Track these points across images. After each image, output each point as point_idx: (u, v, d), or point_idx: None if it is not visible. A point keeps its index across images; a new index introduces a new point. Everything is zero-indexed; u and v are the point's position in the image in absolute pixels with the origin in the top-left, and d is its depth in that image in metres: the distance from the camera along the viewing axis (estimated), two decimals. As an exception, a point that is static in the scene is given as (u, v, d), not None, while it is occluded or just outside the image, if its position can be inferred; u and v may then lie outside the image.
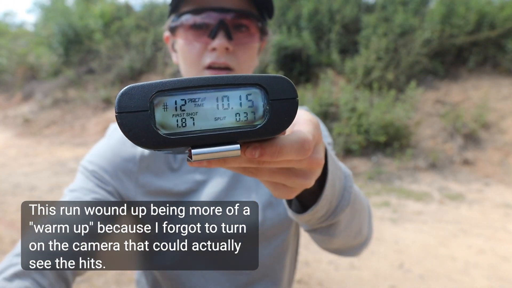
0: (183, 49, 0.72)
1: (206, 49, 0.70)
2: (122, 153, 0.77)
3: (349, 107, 6.58)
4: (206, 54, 0.70)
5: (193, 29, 0.70)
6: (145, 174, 0.77)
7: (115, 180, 0.76)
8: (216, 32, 0.68)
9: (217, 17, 0.69)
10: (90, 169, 0.77)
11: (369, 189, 5.61)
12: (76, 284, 2.94)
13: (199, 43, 0.70)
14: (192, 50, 0.70)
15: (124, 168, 0.76)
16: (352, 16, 8.69)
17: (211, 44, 0.69)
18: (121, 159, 0.76)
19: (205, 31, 0.70)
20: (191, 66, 0.71)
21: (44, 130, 10.20)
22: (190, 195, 0.77)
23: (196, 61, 0.71)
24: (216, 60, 0.70)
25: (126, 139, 0.70)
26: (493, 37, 7.31)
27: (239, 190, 0.78)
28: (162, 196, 0.77)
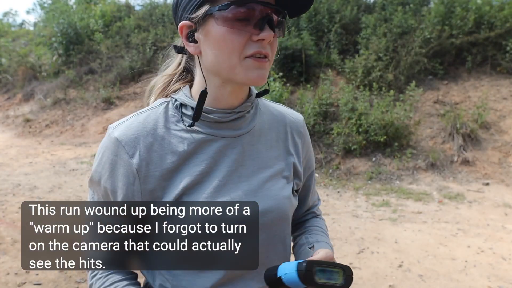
0: (224, 38, 0.73)
1: (250, 39, 0.73)
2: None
3: (349, 107, 6.59)
4: (249, 44, 0.73)
5: (238, 19, 0.72)
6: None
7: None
8: (263, 24, 0.72)
9: (264, 10, 0.72)
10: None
11: (369, 189, 5.61)
12: (76, 284, 2.95)
13: (245, 33, 0.72)
14: (236, 39, 0.72)
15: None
16: (352, 16, 8.70)
17: (259, 35, 0.72)
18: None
19: (248, 22, 0.72)
20: (231, 54, 0.73)
21: (45, 130, 10.20)
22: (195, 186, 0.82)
23: (239, 50, 0.73)
24: (262, 50, 0.73)
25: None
26: (493, 37, 7.31)
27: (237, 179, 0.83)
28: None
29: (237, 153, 0.82)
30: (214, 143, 0.81)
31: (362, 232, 4.09)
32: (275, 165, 0.86)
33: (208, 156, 0.80)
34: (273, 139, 0.88)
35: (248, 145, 0.83)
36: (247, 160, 0.83)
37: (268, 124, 0.89)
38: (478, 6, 7.42)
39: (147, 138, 0.78)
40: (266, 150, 0.86)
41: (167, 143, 0.79)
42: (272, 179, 0.85)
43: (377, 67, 7.51)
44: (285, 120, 0.92)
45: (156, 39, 11.32)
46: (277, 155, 0.87)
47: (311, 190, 1.01)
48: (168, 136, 0.79)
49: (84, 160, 7.34)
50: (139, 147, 0.77)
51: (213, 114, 0.80)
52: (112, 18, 13.11)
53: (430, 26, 7.60)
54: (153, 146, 0.78)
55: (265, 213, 0.84)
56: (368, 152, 6.41)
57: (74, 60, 12.13)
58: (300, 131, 0.93)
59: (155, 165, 0.79)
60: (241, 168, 0.83)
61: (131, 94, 10.58)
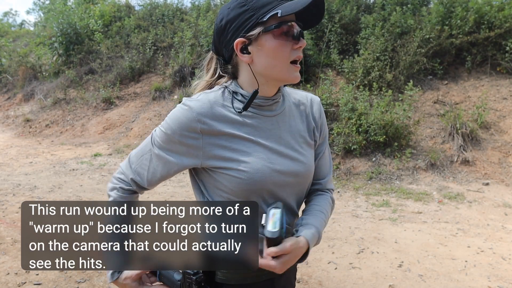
0: (277, 49, 1.00)
1: (292, 48, 1.01)
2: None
3: (349, 107, 6.59)
4: (292, 51, 1.02)
5: (283, 35, 1.00)
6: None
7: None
8: (299, 36, 1.01)
9: (297, 26, 1.02)
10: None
11: (369, 189, 5.62)
12: (76, 284, 2.95)
13: (290, 44, 1.01)
14: (285, 49, 1.01)
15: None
16: (352, 16, 8.70)
17: (297, 44, 1.02)
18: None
19: (289, 36, 1.01)
20: (282, 61, 1.01)
21: (45, 130, 10.20)
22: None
23: (286, 57, 1.01)
24: (300, 55, 1.03)
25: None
26: (493, 37, 7.31)
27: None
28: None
29: (275, 127, 1.09)
30: (257, 120, 1.07)
31: (362, 232, 4.09)
32: (302, 135, 1.13)
33: (253, 128, 1.06)
34: (299, 116, 1.15)
35: (282, 122, 1.10)
36: (283, 132, 1.10)
37: (294, 105, 1.16)
38: (478, 6, 7.41)
39: (210, 110, 1.03)
40: (295, 125, 1.13)
41: (223, 115, 1.04)
42: (302, 147, 1.12)
43: (376, 67, 7.51)
44: (306, 101, 1.19)
45: (156, 39, 11.32)
46: (303, 128, 1.15)
47: (323, 156, 1.22)
48: (225, 110, 1.05)
49: (84, 160, 7.34)
50: (204, 115, 1.02)
51: (257, 99, 1.07)
52: (112, 18, 13.10)
53: (430, 26, 7.60)
54: (213, 116, 1.03)
55: (298, 173, 1.09)
56: (368, 152, 6.41)
57: (74, 60, 12.13)
58: (318, 108, 1.20)
59: (218, 126, 1.03)
60: (279, 139, 1.08)
61: (131, 94, 10.58)
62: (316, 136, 1.17)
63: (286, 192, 1.07)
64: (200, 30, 10.27)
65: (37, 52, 13.48)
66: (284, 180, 1.05)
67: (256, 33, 0.99)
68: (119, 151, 8.03)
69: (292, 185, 1.07)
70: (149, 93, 10.24)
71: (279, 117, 1.10)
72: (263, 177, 1.01)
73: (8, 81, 13.49)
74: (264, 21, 0.99)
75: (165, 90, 9.95)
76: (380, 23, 8.00)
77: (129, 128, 9.16)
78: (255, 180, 1.01)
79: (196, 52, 10.01)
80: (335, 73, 8.27)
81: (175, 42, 10.71)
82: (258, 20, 0.99)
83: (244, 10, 1.00)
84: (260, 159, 1.02)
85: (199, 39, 10.15)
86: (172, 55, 10.41)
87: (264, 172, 1.01)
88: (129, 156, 1.13)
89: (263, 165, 1.02)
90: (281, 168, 1.04)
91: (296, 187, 1.10)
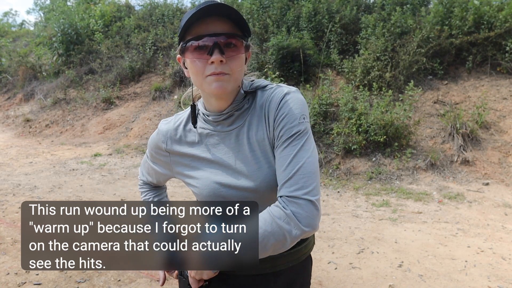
0: (192, 65, 1.01)
1: (207, 63, 0.99)
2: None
3: (349, 107, 6.59)
4: (207, 66, 0.99)
5: (197, 50, 0.99)
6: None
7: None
8: (213, 50, 0.97)
9: (212, 40, 0.98)
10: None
11: (369, 189, 5.62)
12: (76, 284, 2.95)
13: (202, 59, 0.99)
14: (198, 64, 1.00)
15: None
16: (352, 16, 8.70)
17: (210, 59, 0.98)
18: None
19: (205, 50, 0.99)
20: (198, 76, 1.02)
21: (45, 130, 10.20)
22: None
23: (201, 72, 1.00)
24: (214, 70, 0.98)
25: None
26: (492, 37, 7.31)
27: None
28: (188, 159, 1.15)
29: (234, 142, 1.08)
30: (215, 137, 1.10)
31: (362, 232, 4.09)
32: (262, 143, 1.06)
33: (210, 146, 1.10)
34: (260, 121, 1.07)
35: (242, 134, 1.08)
36: (242, 146, 1.07)
37: (259, 109, 1.08)
38: (477, 6, 7.41)
39: (174, 133, 1.16)
40: (255, 134, 1.07)
41: (184, 137, 1.14)
42: (263, 159, 1.05)
43: (376, 67, 7.51)
44: (267, 100, 1.07)
45: (156, 39, 11.32)
46: (263, 133, 1.06)
47: (280, 156, 1.01)
48: (187, 131, 1.15)
49: (84, 160, 7.34)
50: (169, 137, 1.16)
51: (210, 116, 1.10)
52: (112, 18, 13.10)
53: (429, 26, 7.60)
54: (175, 139, 1.15)
55: (258, 188, 1.05)
56: (368, 152, 6.41)
57: (74, 60, 12.13)
58: (274, 106, 1.04)
59: (177, 148, 1.15)
60: (238, 153, 1.08)
61: (131, 94, 10.58)
62: (273, 136, 1.04)
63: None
64: (200, 30, 10.26)
65: (37, 52, 13.48)
66: (235, 195, 1.05)
67: (179, 49, 1.05)
68: (119, 151, 8.04)
69: (247, 199, 1.05)
70: (149, 93, 10.25)
71: (239, 130, 1.08)
72: (211, 192, 1.07)
73: (8, 81, 13.49)
74: (181, 37, 1.03)
75: (165, 90, 9.95)
76: (380, 23, 8.01)
77: (129, 128, 9.16)
78: (204, 195, 1.08)
79: (196, 52, 10.01)
80: (335, 73, 8.27)
81: (175, 42, 10.71)
82: (179, 37, 1.04)
83: (178, 28, 1.06)
84: (211, 175, 1.08)
85: (199, 39, 10.14)
86: (172, 55, 10.41)
87: (213, 188, 1.06)
88: (142, 161, 1.37)
89: (212, 182, 1.07)
90: (230, 183, 1.05)
91: (257, 198, 1.04)
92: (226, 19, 1.00)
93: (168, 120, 1.20)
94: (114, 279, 3.00)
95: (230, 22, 1.00)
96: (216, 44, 0.97)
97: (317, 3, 9.12)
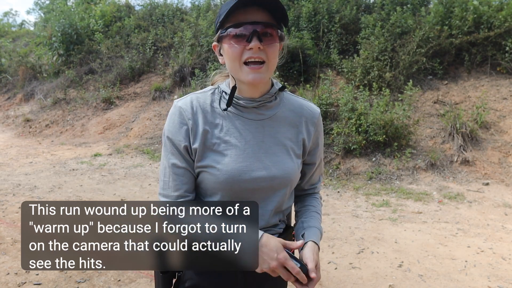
0: (230, 50, 1.05)
1: (245, 49, 1.04)
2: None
3: (349, 107, 6.59)
4: (245, 52, 1.04)
5: (235, 37, 1.04)
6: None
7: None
8: (251, 37, 1.03)
9: (251, 28, 1.03)
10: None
11: (369, 189, 5.62)
12: (76, 284, 2.95)
13: (240, 45, 1.04)
14: (236, 50, 1.05)
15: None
16: (352, 16, 8.70)
17: (249, 45, 1.03)
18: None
19: (244, 38, 1.04)
20: (234, 62, 1.06)
21: (45, 130, 10.20)
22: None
23: (238, 58, 1.05)
24: (252, 55, 1.04)
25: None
26: (492, 37, 7.31)
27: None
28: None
29: (259, 131, 1.12)
30: (240, 121, 1.12)
31: (362, 232, 4.09)
32: (288, 144, 1.15)
33: (236, 129, 1.11)
34: (290, 124, 1.17)
35: (268, 127, 1.13)
36: (267, 137, 1.13)
37: (288, 113, 1.17)
38: (476, 7, 7.41)
39: (198, 110, 1.12)
40: (284, 132, 1.15)
41: (210, 115, 1.12)
42: (284, 153, 1.14)
43: (376, 67, 7.51)
44: (302, 111, 1.20)
45: (156, 39, 11.32)
46: (291, 136, 1.16)
47: (319, 166, 1.27)
48: (211, 111, 1.12)
49: (84, 160, 7.34)
50: (193, 114, 1.11)
51: (240, 100, 1.12)
52: (112, 18, 13.10)
53: (429, 26, 7.60)
54: (201, 116, 1.11)
55: (274, 178, 1.11)
56: (368, 152, 6.41)
57: (74, 60, 12.13)
58: (314, 122, 1.21)
59: (199, 125, 1.10)
60: (261, 143, 1.12)
61: (131, 94, 10.58)
62: (306, 147, 1.20)
63: (259, 195, 1.11)
64: (200, 30, 10.27)
65: (37, 52, 13.48)
66: (251, 183, 1.09)
67: (217, 37, 1.10)
68: (119, 151, 8.04)
69: (265, 188, 1.11)
70: (149, 93, 10.24)
71: (266, 122, 1.13)
72: (229, 178, 1.07)
73: (8, 81, 13.49)
74: (219, 26, 1.08)
75: (165, 90, 9.95)
76: (380, 23, 8.01)
77: (129, 128, 9.16)
78: (221, 181, 1.08)
79: (196, 52, 10.02)
80: (335, 73, 8.27)
81: (175, 42, 10.71)
82: (217, 25, 1.09)
83: (216, 16, 1.11)
84: (232, 159, 1.09)
85: (199, 39, 10.15)
86: (172, 55, 10.41)
87: (232, 174, 1.07)
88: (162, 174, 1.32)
89: (233, 167, 1.08)
90: (250, 170, 1.08)
91: (270, 191, 1.13)
92: (263, 9, 1.05)
93: (187, 99, 1.15)
94: (114, 279, 3.00)
95: (267, 12, 1.06)
96: (255, 31, 1.03)
97: (317, 3, 9.12)
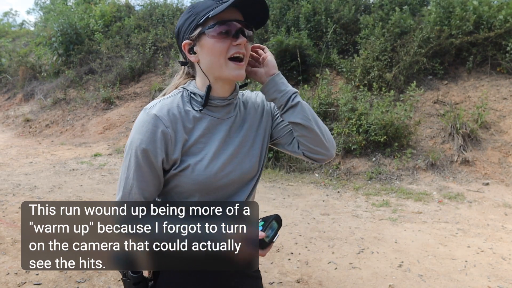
0: (213, 46, 1.08)
1: (231, 44, 1.08)
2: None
3: (349, 107, 6.59)
4: (231, 48, 1.08)
5: (221, 34, 1.07)
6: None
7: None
8: (238, 34, 1.08)
9: (237, 25, 1.08)
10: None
11: (369, 189, 5.61)
12: (76, 284, 2.95)
13: (227, 41, 1.08)
14: (221, 46, 1.07)
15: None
16: (351, 16, 8.70)
17: (236, 41, 1.08)
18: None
19: (229, 34, 1.08)
20: (219, 57, 1.09)
21: (45, 130, 10.20)
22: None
23: (223, 53, 1.08)
24: (239, 50, 1.08)
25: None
26: (492, 37, 7.30)
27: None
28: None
29: (227, 129, 1.16)
30: (212, 121, 1.15)
31: (362, 232, 4.09)
32: (257, 137, 1.22)
33: (208, 130, 1.13)
34: (254, 118, 1.23)
35: (234, 124, 1.18)
36: (233, 134, 1.17)
37: (249, 107, 1.24)
38: (476, 7, 7.41)
39: (175, 117, 1.09)
40: (250, 126, 1.21)
41: (186, 121, 1.11)
42: (254, 146, 1.20)
43: (376, 67, 7.51)
44: (257, 101, 1.28)
45: (156, 39, 11.32)
46: (257, 128, 1.23)
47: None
48: (186, 115, 1.12)
49: (84, 160, 7.34)
50: (172, 122, 1.08)
51: (214, 100, 1.14)
52: (112, 18, 13.10)
53: (429, 26, 7.60)
54: (180, 123, 1.10)
55: (245, 172, 1.17)
56: (368, 152, 6.41)
57: (74, 60, 12.13)
58: (264, 104, 1.29)
59: (179, 133, 1.09)
60: (228, 139, 1.16)
61: (131, 94, 10.58)
62: (272, 127, 1.28)
63: (232, 189, 1.15)
64: (200, 30, 10.26)
65: (37, 52, 13.48)
66: (225, 180, 1.13)
67: (196, 34, 1.11)
68: (119, 151, 8.03)
69: (237, 182, 1.16)
70: (149, 93, 10.24)
71: (234, 119, 1.18)
72: (206, 179, 1.10)
73: (8, 81, 13.49)
74: (201, 23, 1.09)
75: (165, 90, 9.95)
76: (380, 23, 8.00)
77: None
78: (199, 182, 1.09)
79: (196, 52, 10.01)
80: (335, 73, 8.27)
81: (175, 42, 10.71)
82: (197, 23, 1.10)
83: (189, 15, 1.13)
84: (206, 160, 1.11)
85: (199, 39, 10.14)
86: (172, 55, 10.41)
87: (208, 175, 1.10)
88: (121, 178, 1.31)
89: (207, 168, 1.10)
90: (223, 168, 1.12)
91: (242, 183, 1.18)
92: (238, 10, 1.11)
93: (159, 105, 1.10)
94: (114, 279, 3.00)
95: (242, 13, 1.12)
96: (241, 28, 1.09)
97: (317, 3, 9.12)
